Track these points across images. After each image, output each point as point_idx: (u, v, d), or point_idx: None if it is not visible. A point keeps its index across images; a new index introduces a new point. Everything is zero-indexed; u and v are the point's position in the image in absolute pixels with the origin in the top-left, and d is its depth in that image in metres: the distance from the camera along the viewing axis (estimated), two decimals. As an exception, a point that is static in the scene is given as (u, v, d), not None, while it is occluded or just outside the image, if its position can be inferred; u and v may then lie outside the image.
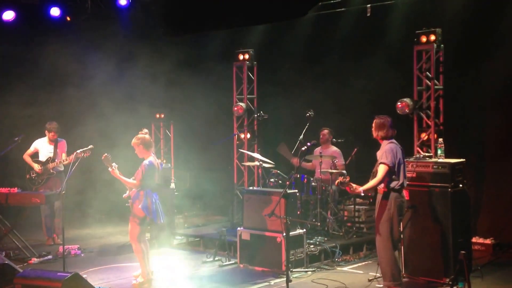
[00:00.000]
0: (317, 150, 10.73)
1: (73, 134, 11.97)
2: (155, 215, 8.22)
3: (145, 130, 8.51)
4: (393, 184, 7.48)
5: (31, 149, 10.89)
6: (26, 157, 10.83)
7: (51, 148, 10.87)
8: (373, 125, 7.69)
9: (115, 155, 8.53)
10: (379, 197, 7.60)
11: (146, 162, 8.22)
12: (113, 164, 8.17)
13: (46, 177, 10.74)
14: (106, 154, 8.17)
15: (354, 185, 7.56)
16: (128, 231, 8.34)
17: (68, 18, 11.37)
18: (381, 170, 7.43)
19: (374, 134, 7.70)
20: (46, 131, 10.87)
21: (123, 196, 8.35)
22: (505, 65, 9.83)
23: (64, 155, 10.74)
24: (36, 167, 10.71)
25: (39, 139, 10.94)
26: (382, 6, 10.89)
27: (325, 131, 10.94)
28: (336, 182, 7.75)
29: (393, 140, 7.61)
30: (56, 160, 10.74)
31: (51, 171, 10.73)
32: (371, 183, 7.51)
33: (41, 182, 10.74)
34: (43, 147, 10.88)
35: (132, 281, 8.36)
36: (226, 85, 12.14)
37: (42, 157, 10.83)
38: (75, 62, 13.23)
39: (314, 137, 10.40)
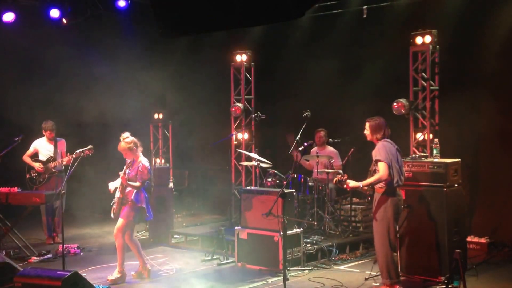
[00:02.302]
0: (314, 150, 10.80)
1: (71, 134, 12.03)
2: (150, 213, 8.51)
3: (127, 133, 8.48)
4: (389, 182, 7.56)
5: (31, 149, 10.92)
6: (26, 158, 10.86)
7: (50, 147, 10.91)
8: (368, 128, 7.68)
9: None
10: (376, 195, 7.65)
11: (145, 164, 8.32)
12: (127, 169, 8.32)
13: (47, 176, 10.79)
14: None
15: (352, 182, 7.66)
16: (118, 227, 8.41)
17: (64, 21, 11.37)
18: (382, 167, 7.44)
19: (371, 136, 7.69)
20: (43, 131, 10.91)
21: (119, 196, 8.36)
22: (500, 66, 9.90)
23: (65, 158, 10.78)
24: (37, 165, 10.75)
25: (37, 139, 10.97)
26: (378, 8, 10.94)
27: (322, 133, 11.01)
28: (334, 180, 7.82)
29: (387, 139, 7.66)
30: (57, 159, 10.80)
31: (53, 170, 10.78)
32: (372, 178, 7.53)
33: (42, 182, 10.78)
34: (42, 146, 10.92)
35: (108, 277, 8.47)
36: (224, 85, 12.21)
37: (42, 157, 10.86)
38: (73, 63, 13.31)
39: (311, 138, 10.51)
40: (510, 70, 9.91)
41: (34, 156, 10.93)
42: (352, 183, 7.60)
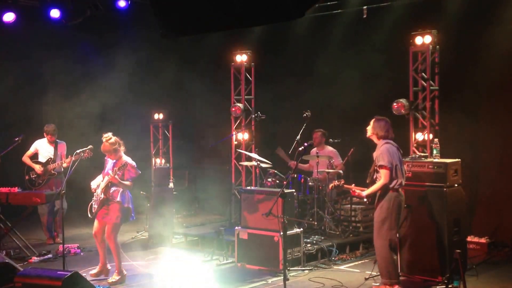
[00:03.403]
0: (314, 150, 10.79)
1: (71, 135, 12.03)
2: (134, 213, 8.50)
3: (109, 134, 8.38)
4: (392, 183, 7.55)
5: (31, 150, 10.88)
6: (26, 158, 10.82)
7: (51, 149, 10.88)
8: (372, 124, 7.71)
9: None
10: (379, 196, 7.66)
11: (131, 162, 8.26)
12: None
13: (47, 177, 10.76)
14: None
15: (357, 190, 7.68)
16: (107, 231, 8.36)
17: (64, 21, 11.38)
18: (384, 174, 7.48)
19: (371, 132, 7.70)
20: (44, 133, 10.89)
21: (102, 197, 8.32)
22: (500, 65, 9.90)
23: (65, 160, 10.75)
24: (37, 167, 10.71)
25: (39, 140, 10.94)
26: (378, 8, 10.96)
27: (318, 134, 10.98)
28: (330, 186, 7.86)
29: (389, 141, 7.67)
30: (56, 161, 10.78)
31: (52, 171, 10.76)
32: (375, 187, 7.56)
33: (42, 183, 10.74)
34: (43, 147, 10.88)
35: (108, 280, 8.45)
36: (224, 85, 12.21)
37: (42, 158, 10.83)
38: (74, 63, 13.33)
39: (311, 138, 10.51)
40: (510, 70, 9.91)
41: (34, 157, 10.90)
42: (357, 192, 7.67)
